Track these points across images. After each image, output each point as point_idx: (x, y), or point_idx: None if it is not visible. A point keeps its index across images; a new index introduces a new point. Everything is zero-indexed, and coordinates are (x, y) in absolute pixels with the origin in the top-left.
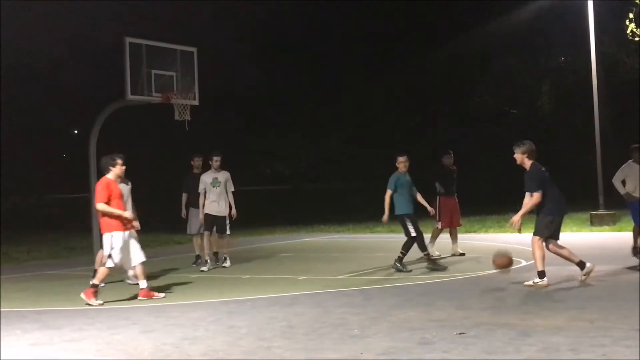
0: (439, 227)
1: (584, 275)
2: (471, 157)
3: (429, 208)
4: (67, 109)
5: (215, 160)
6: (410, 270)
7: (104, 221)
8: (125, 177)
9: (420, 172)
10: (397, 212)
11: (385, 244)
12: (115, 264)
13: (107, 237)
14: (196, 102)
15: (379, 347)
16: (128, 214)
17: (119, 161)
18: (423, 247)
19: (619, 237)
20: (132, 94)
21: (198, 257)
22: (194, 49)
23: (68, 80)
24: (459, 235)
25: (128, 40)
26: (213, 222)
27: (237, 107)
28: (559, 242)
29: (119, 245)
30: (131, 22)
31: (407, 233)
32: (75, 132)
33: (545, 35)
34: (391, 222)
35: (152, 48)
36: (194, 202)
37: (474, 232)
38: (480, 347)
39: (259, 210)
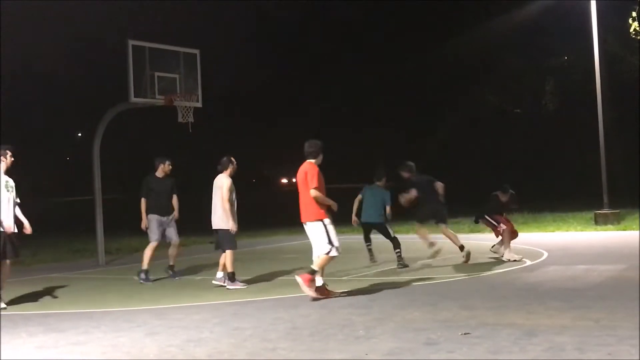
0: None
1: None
2: (474, 156)
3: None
4: (70, 112)
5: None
6: (407, 265)
7: (316, 208)
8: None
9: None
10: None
11: (389, 245)
12: (338, 250)
13: (319, 226)
14: (199, 104)
15: (384, 347)
16: (334, 204)
17: (322, 149)
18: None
19: (624, 236)
20: (135, 97)
21: (172, 266)
22: (196, 51)
23: (71, 83)
24: (462, 236)
25: (131, 42)
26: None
27: (239, 108)
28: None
29: (334, 231)
30: (134, 25)
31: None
32: (79, 135)
33: (549, 34)
34: (394, 224)
35: (155, 50)
36: (153, 207)
37: (479, 232)
38: (485, 347)
39: (262, 212)
